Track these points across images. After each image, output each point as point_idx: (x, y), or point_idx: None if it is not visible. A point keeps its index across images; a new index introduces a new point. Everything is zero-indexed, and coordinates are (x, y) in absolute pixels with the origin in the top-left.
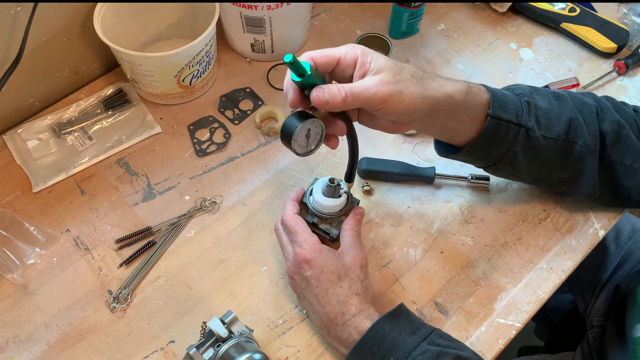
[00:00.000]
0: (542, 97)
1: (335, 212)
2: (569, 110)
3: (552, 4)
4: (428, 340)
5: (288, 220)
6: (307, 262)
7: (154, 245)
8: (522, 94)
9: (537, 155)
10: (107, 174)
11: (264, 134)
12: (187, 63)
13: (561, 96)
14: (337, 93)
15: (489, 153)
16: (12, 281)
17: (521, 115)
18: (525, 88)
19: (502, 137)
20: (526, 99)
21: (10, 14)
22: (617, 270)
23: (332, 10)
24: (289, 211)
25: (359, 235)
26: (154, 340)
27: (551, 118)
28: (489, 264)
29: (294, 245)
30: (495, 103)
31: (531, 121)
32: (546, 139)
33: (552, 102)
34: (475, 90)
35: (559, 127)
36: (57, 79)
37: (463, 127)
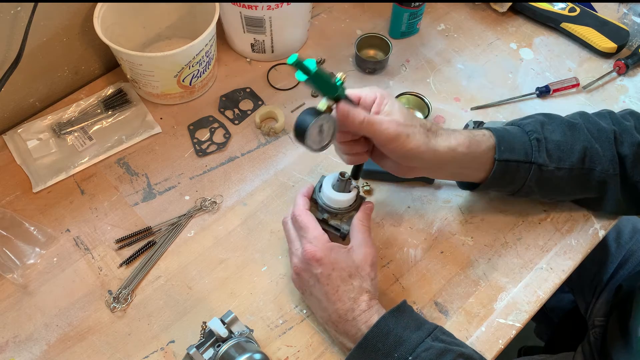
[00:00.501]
0: (555, 127)
1: (345, 207)
2: (582, 140)
3: (552, 4)
4: (432, 336)
5: (299, 216)
6: (317, 260)
7: (154, 245)
8: (532, 131)
9: (554, 184)
10: (107, 174)
11: (264, 134)
12: (187, 63)
13: (575, 125)
14: (358, 115)
15: (504, 189)
16: (12, 281)
17: (530, 153)
18: (537, 122)
19: (513, 175)
20: (535, 137)
21: (10, 14)
22: (619, 271)
23: (332, 10)
24: (300, 206)
25: (369, 230)
26: (154, 340)
27: (564, 149)
28: (489, 264)
29: (304, 241)
30: (501, 147)
31: (542, 157)
32: (560, 170)
33: (566, 133)
34: (479, 138)
35: (572, 157)
36: (57, 79)
37: (472, 173)
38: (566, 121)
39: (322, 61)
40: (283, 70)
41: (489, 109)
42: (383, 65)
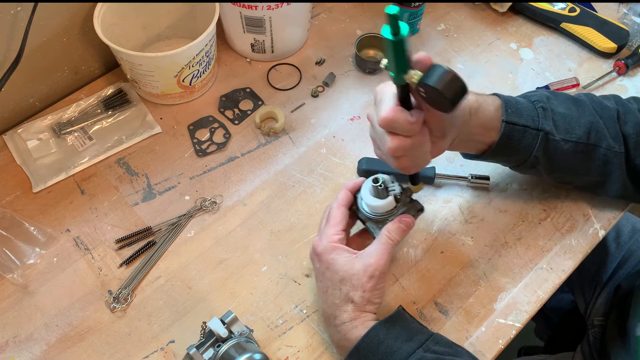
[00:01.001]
0: (560, 102)
1: (380, 214)
2: (588, 114)
3: (552, 4)
4: (424, 347)
5: (332, 208)
6: (318, 255)
7: (154, 245)
8: (538, 101)
9: (560, 159)
10: (107, 174)
11: (264, 134)
12: (187, 63)
13: (580, 101)
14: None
15: (510, 157)
16: (12, 281)
17: (537, 119)
18: (542, 95)
19: (520, 141)
20: (541, 105)
21: (10, 14)
22: (618, 270)
23: (332, 10)
24: (339, 200)
25: (391, 244)
26: (154, 340)
27: (570, 122)
28: (489, 264)
29: (319, 233)
30: (508, 109)
31: (549, 125)
32: (567, 142)
33: (571, 107)
34: (487, 99)
35: (579, 130)
36: (57, 79)
37: (480, 137)
38: (571, 97)
39: (322, 61)
40: (283, 70)
41: None
42: None
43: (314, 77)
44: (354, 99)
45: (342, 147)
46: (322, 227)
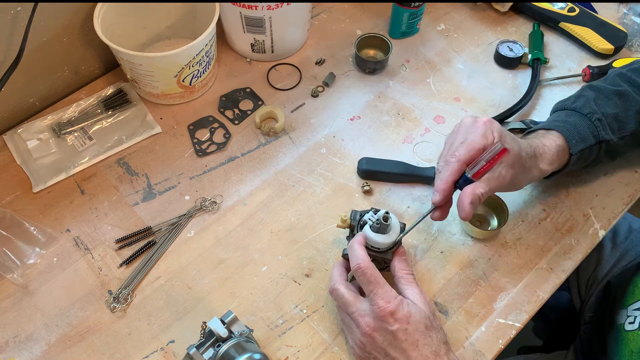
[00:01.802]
0: (608, 101)
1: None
2: (634, 104)
3: (552, 4)
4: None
5: (367, 269)
6: (392, 314)
7: (154, 245)
8: (591, 113)
9: (618, 152)
10: (107, 174)
11: (264, 134)
12: (187, 63)
13: (623, 93)
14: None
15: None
16: (12, 281)
17: (597, 134)
18: (590, 98)
19: (585, 158)
20: (597, 117)
21: (10, 14)
22: (612, 269)
23: (332, 10)
24: (363, 256)
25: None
26: (154, 340)
27: (621, 119)
28: (489, 264)
29: (375, 297)
30: (573, 141)
31: (607, 133)
32: (623, 139)
33: (617, 103)
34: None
35: (630, 123)
36: (57, 79)
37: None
38: (614, 91)
39: (322, 61)
40: (283, 70)
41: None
42: (383, 65)
43: (314, 77)
44: (354, 99)
45: (342, 147)
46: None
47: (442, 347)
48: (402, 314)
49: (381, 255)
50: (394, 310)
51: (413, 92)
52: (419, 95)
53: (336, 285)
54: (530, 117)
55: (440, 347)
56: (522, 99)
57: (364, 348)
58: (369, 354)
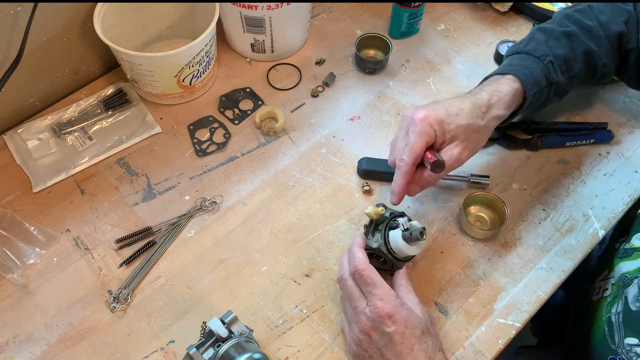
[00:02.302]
0: (556, 42)
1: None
2: (581, 45)
3: (552, 4)
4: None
5: (364, 271)
6: (390, 316)
7: (154, 245)
8: (544, 55)
9: (565, 90)
10: (107, 174)
11: (264, 134)
12: (187, 63)
13: (571, 34)
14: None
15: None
16: (12, 281)
17: (549, 76)
18: (541, 40)
19: (537, 100)
20: (549, 59)
21: (10, 14)
22: None
23: (332, 10)
24: (362, 260)
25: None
26: (154, 340)
27: (569, 60)
28: (489, 264)
29: (373, 298)
30: (528, 86)
31: (557, 75)
32: (570, 78)
33: (566, 45)
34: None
35: (577, 64)
36: (57, 79)
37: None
38: (562, 32)
39: (322, 61)
40: (283, 70)
41: None
42: (383, 65)
43: (314, 77)
44: (354, 99)
45: (342, 147)
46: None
47: (438, 354)
48: (399, 316)
49: (396, 260)
50: (392, 313)
51: (413, 92)
52: (419, 95)
53: (346, 276)
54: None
55: (435, 354)
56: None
57: (361, 345)
58: (365, 351)
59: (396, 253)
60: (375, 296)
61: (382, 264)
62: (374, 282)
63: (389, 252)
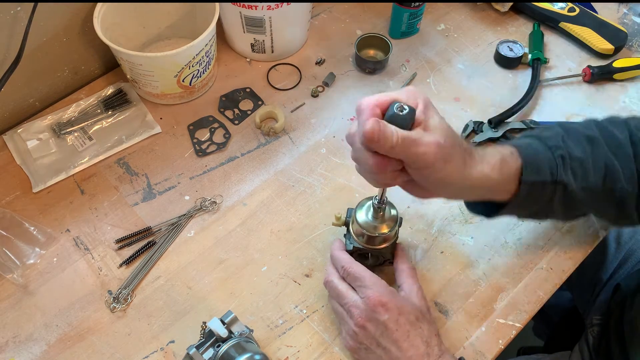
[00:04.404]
0: (576, 143)
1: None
2: (603, 156)
3: (552, 4)
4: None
5: (350, 267)
6: (383, 304)
7: (154, 245)
8: (556, 147)
9: (575, 205)
10: (107, 174)
11: (264, 134)
12: (187, 63)
13: (595, 140)
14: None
15: (526, 211)
16: (12, 281)
17: (556, 172)
18: (558, 135)
19: (537, 196)
20: (560, 153)
21: (10, 14)
22: (618, 270)
23: (332, 10)
24: (346, 258)
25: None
26: (154, 340)
27: (587, 167)
28: (489, 264)
29: (364, 290)
30: (527, 167)
31: (567, 176)
32: (584, 190)
33: (586, 149)
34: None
35: (595, 176)
36: (57, 79)
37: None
38: (585, 135)
39: (322, 61)
40: (283, 70)
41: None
42: (383, 65)
43: (314, 77)
44: (354, 99)
45: (342, 147)
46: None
47: (434, 339)
48: (392, 304)
49: (379, 251)
50: (385, 301)
51: None
52: None
53: (330, 277)
54: (530, 117)
55: (431, 339)
56: (522, 99)
57: (357, 338)
58: (360, 344)
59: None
60: (366, 287)
61: (374, 261)
62: (362, 275)
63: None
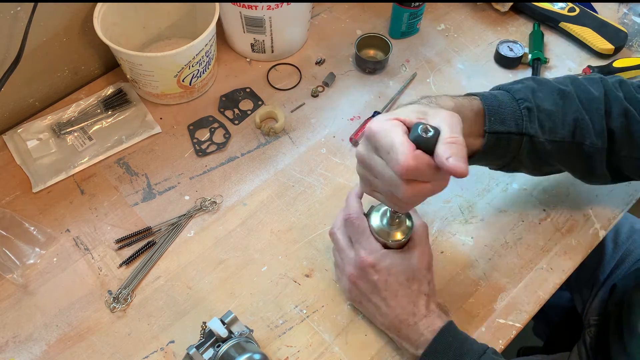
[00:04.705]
0: (547, 95)
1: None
2: (574, 110)
3: (552, 4)
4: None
5: (356, 218)
6: (372, 266)
7: (154, 245)
8: (523, 99)
9: (544, 158)
10: (107, 174)
11: (264, 134)
12: (187, 63)
13: (567, 93)
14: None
15: (492, 163)
16: (12, 281)
17: (521, 123)
18: (528, 88)
19: (504, 147)
20: (526, 105)
21: (10, 14)
22: (615, 270)
23: (332, 10)
24: (355, 207)
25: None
26: (154, 340)
27: (555, 120)
28: (489, 264)
29: (358, 247)
30: (491, 117)
31: (534, 127)
32: (551, 143)
33: (557, 102)
34: (468, 106)
35: (564, 129)
36: (57, 79)
37: None
38: (557, 88)
39: (322, 61)
40: (283, 70)
41: None
42: (383, 65)
43: (314, 77)
44: (354, 99)
45: (342, 147)
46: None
47: (422, 299)
48: (382, 265)
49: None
50: (374, 263)
51: (413, 92)
52: (419, 95)
53: (334, 229)
54: None
55: (419, 298)
56: None
57: (352, 291)
58: (355, 296)
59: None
60: (361, 245)
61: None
62: (362, 230)
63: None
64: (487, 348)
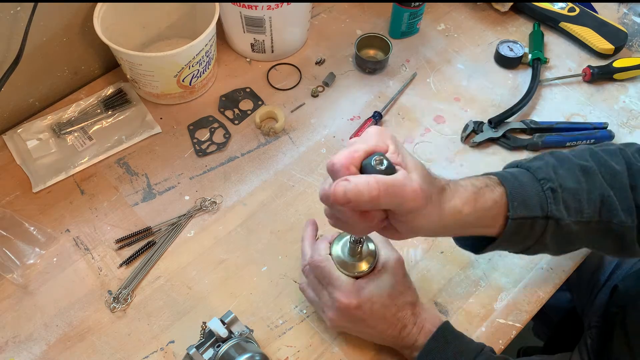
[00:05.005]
0: (568, 173)
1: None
2: (599, 186)
3: (552, 4)
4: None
5: (322, 262)
6: (356, 307)
7: (154, 245)
8: (545, 179)
9: (570, 239)
10: (107, 174)
11: (264, 134)
12: (187, 63)
13: (589, 169)
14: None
15: (515, 247)
16: (12, 281)
17: (546, 207)
18: (548, 165)
19: (527, 232)
20: (550, 186)
21: (10, 14)
22: (615, 271)
23: (332, 10)
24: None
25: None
26: (154, 340)
27: (581, 200)
28: (489, 264)
29: (332, 291)
30: (514, 202)
31: (559, 210)
32: (578, 224)
33: (580, 179)
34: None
35: (590, 208)
36: (57, 79)
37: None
38: (578, 165)
39: (322, 61)
40: (283, 70)
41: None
42: (383, 65)
43: (314, 77)
44: (354, 99)
45: (342, 147)
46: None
47: (407, 309)
48: (363, 299)
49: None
50: (357, 304)
51: (413, 92)
52: (419, 95)
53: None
54: (530, 117)
55: (404, 310)
56: (522, 99)
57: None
58: (341, 329)
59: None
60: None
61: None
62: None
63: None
64: (484, 347)
